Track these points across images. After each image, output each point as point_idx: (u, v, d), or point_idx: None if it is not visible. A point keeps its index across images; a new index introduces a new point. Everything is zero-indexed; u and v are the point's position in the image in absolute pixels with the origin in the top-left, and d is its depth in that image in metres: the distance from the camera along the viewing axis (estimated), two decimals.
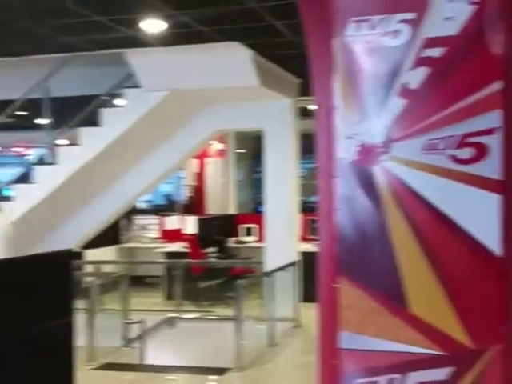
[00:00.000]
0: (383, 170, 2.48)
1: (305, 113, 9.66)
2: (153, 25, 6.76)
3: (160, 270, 10.60)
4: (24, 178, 8.51)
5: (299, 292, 8.48)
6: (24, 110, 10.38)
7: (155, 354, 7.11)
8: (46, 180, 8.10)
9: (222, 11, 6.32)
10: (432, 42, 2.41)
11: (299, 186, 9.06)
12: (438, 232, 2.38)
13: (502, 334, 2.35)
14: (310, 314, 7.30)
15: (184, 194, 14.61)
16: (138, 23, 6.69)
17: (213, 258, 10.53)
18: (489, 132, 2.33)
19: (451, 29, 2.37)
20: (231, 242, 11.25)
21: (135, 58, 7.57)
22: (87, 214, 8.79)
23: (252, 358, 6.77)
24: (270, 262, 8.40)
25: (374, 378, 2.47)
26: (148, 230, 12.07)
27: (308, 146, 9.19)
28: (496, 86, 2.33)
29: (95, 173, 8.39)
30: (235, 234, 11.40)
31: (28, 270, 3.81)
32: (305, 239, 9.84)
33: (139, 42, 7.28)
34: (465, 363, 2.36)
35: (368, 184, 2.51)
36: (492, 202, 2.35)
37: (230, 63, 7.48)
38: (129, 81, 7.89)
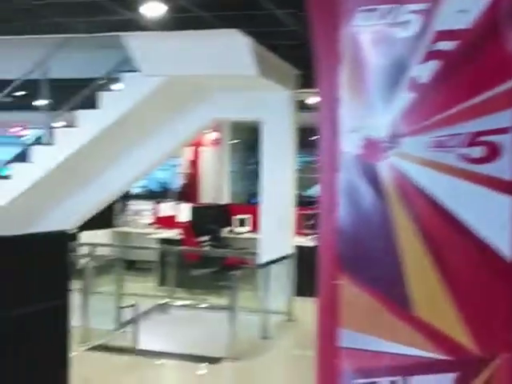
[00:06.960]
0: (389, 166, 2.40)
1: (302, 106, 9.53)
2: (153, 8, 6.66)
3: (153, 256, 10.50)
4: (21, 158, 8.42)
5: (293, 286, 8.42)
6: (22, 91, 10.28)
7: (147, 339, 7.04)
8: (43, 160, 8.05)
9: None
10: (443, 35, 2.32)
11: (295, 179, 8.97)
12: (445, 232, 2.30)
13: (510, 343, 2.26)
14: (304, 307, 7.28)
15: (178, 182, 14.51)
16: (138, 6, 6.58)
17: (206, 246, 10.47)
18: (501, 131, 2.25)
19: (464, 22, 2.28)
20: (224, 232, 11.17)
21: (134, 41, 7.43)
22: (83, 196, 8.72)
23: (244, 349, 6.71)
24: (265, 253, 8.31)
25: (374, 379, 2.40)
26: (142, 216, 11.99)
27: (305, 139, 9.14)
28: (510, 84, 2.24)
29: (91, 155, 8.31)
30: (228, 224, 11.31)
31: (23, 249, 3.77)
32: (299, 233, 9.75)
33: (138, 25, 7.19)
34: (471, 370, 2.27)
35: (372, 179, 2.43)
36: (503, 203, 2.25)
37: (230, 51, 7.34)
38: (127, 65, 7.78)
